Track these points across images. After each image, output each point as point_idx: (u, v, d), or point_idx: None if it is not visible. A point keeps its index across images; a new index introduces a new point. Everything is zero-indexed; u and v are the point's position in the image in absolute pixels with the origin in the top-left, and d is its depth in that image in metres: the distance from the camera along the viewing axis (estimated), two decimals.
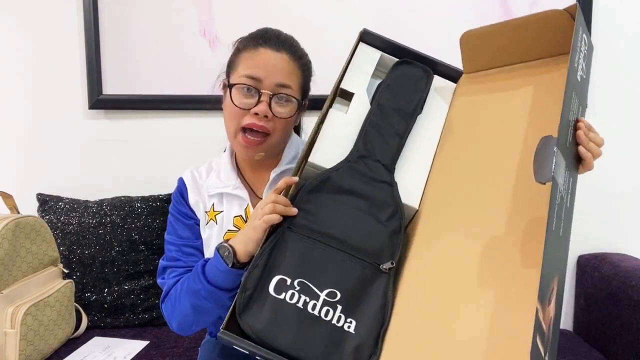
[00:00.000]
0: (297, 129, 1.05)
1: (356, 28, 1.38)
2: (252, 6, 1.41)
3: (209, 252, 0.89)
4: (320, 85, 1.00)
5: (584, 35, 0.68)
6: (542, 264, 0.48)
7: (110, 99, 1.47)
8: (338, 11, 1.38)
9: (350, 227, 0.70)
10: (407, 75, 0.82)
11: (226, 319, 0.63)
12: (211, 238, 0.89)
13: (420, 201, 0.75)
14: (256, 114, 0.81)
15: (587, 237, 1.39)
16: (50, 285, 1.17)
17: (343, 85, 0.81)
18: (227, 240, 0.76)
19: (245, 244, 0.73)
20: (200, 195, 0.92)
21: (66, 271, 1.25)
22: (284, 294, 0.65)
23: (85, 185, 1.51)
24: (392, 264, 0.67)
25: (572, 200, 0.62)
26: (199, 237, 0.91)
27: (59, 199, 1.43)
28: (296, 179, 0.74)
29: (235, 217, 0.89)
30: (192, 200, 0.92)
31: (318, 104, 1.36)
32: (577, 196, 1.50)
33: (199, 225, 0.91)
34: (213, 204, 0.91)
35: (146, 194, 1.43)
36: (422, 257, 0.68)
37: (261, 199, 0.90)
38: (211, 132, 1.47)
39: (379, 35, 0.85)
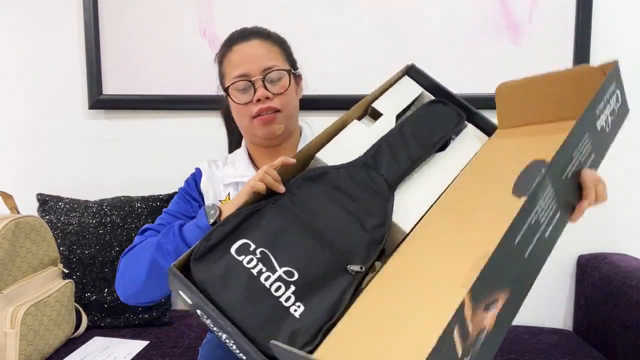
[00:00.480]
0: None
1: (356, 28, 1.39)
2: (252, 6, 1.41)
3: None
4: (320, 85, 1.01)
5: (618, 91, 0.67)
6: (485, 265, 0.46)
7: (110, 99, 1.47)
8: (337, 11, 1.38)
9: (332, 223, 0.69)
10: (439, 112, 0.83)
11: (180, 259, 0.63)
12: None
13: (413, 227, 0.73)
14: (258, 100, 0.88)
15: (587, 237, 1.39)
16: (50, 285, 1.17)
17: (375, 105, 0.83)
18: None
19: (230, 208, 0.73)
20: (213, 184, 0.96)
21: (66, 271, 1.25)
22: (243, 256, 0.64)
23: (85, 185, 1.51)
24: (361, 268, 0.66)
25: (554, 238, 0.61)
26: (189, 217, 0.91)
27: (59, 199, 1.43)
28: (294, 160, 0.73)
29: None
30: (204, 188, 0.96)
31: (318, 104, 1.37)
32: None
33: (199, 208, 0.93)
34: (229, 193, 0.95)
35: (146, 194, 1.43)
36: (393, 269, 0.67)
37: None
38: (211, 132, 1.47)
39: (424, 73, 0.87)
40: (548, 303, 1.42)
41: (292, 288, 0.63)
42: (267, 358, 0.57)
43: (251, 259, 0.64)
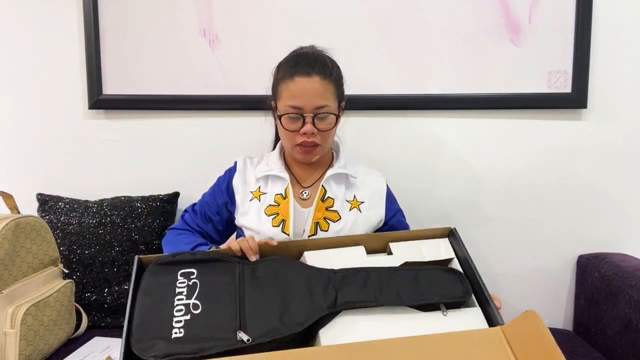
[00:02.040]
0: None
1: (356, 28, 1.39)
2: (252, 6, 1.41)
3: (244, 219, 1.07)
4: None
5: None
6: None
7: (110, 99, 1.47)
8: (337, 11, 1.38)
9: (258, 303, 0.76)
10: (444, 277, 0.83)
11: (149, 257, 0.83)
12: (250, 210, 1.07)
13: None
14: (304, 133, 1.00)
15: (587, 237, 1.39)
16: (50, 285, 1.17)
17: (391, 244, 0.89)
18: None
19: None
20: (246, 177, 1.11)
21: (66, 271, 1.25)
22: (182, 278, 0.78)
23: (85, 185, 1.51)
24: (247, 340, 0.70)
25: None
26: (217, 213, 1.12)
27: (59, 199, 1.43)
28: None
29: (276, 194, 1.06)
30: (235, 183, 1.11)
31: None
32: (577, 196, 1.50)
33: (226, 206, 1.11)
34: (259, 187, 1.09)
35: (146, 194, 1.43)
36: None
37: (301, 185, 1.10)
38: (211, 132, 1.47)
39: (461, 242, 0.88)
40: (548, 303, 1.42)
41: (188, 317, 0.72)
42: None
43: (183, 282, 0.76)
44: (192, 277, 0.77)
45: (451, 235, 0.91)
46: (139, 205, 1.38)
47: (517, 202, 1.40)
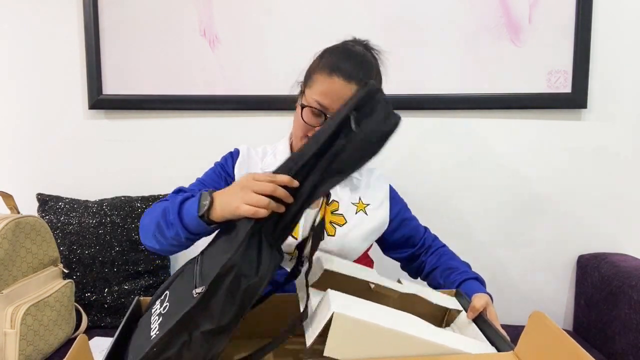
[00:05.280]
0: None
1: (356, 29, 1.39)
2: (252, 6, 1.41)
3: None
4: None
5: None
6: None
7: (110, 99, 1.47)
8: (338, 12, 1.38)
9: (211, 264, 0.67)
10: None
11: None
12: None
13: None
14: None
15: (587, 237, 1.39)
16: (50, 285, 1.17)
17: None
18: (216, 189, 0.77)
19: (223, 208, 0.72)
20: (250, 168, 1.05)
21: (66, 271, 1.25)
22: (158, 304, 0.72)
23: (85, 185, 1.51)
24: (202, 289, 0.62)
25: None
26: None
27: (59, 199, 1.43)
28: (297, 183, 0.70)
29: None
30: (238, 168, 1.04)
31: None
32: (577, 196, 1.50)
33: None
34: None
35: (146, 194, 1.43)
36: None
37: None
38: (211, 132, 1.47)
39: (467, 299, 0.87)
40: (548, 303, 1.42)
41: (161, 319, 0.66)
42: None
43: (161, 300, 0.71)
44: (165, 293, 0.73)
45: (457, 295, 0.89)
46: (139, 205, 1.38)
47: (516, 202, 1.40)
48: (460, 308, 0.85)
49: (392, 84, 1.39)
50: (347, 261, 0.89)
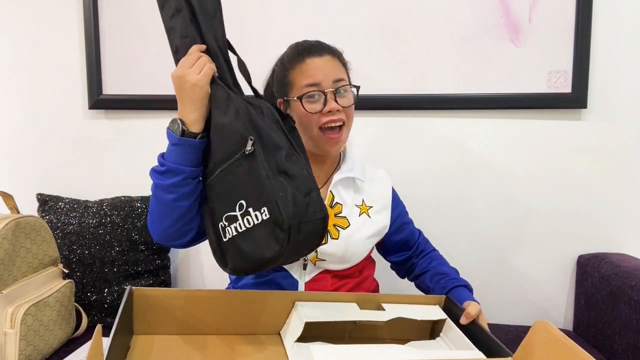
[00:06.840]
0: None
1: (356, 28, 1.39)
2: (252, 7, 1.41)
3: None
4: None
5: None
6: None
7: (110, 99, 1.47)
8: (337, 12, 1.38)
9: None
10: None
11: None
12: None
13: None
14: (329, 111, 0.94)
15: (587, 237, 1.39)
16: (50, 285, 1.17)
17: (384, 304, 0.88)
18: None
19: (191, 104, 0.85)
20: None
21: (66, 271, 1.25)
22: (227, 235, 0.75)
23: (85, 185, 1.51)
24: (252, 146, 0.74)
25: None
26: None
27: (59, 199, 1.43)
28: (204, 46, 0.90)
29: None
30: None
31: None
32: (577, 196, 1.50)
33: None
34: None
35: (146, 194, 1.42)
36: None
37: None
38: None
39: (457, 305, 0.89)
40: (548, 303, 1.42)
41: (250, 210, 0.74)
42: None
43: (229, 230, 0.76)
44: (221, 227, 0.78)
45: (447, 301, 0.91)
46: (139, 205, 1.38)
47: (516, 202, 1.40)
48: (445, 316, 0.86)
49: (392, 84, 1.39)
50: (324, 303, 0.85)
